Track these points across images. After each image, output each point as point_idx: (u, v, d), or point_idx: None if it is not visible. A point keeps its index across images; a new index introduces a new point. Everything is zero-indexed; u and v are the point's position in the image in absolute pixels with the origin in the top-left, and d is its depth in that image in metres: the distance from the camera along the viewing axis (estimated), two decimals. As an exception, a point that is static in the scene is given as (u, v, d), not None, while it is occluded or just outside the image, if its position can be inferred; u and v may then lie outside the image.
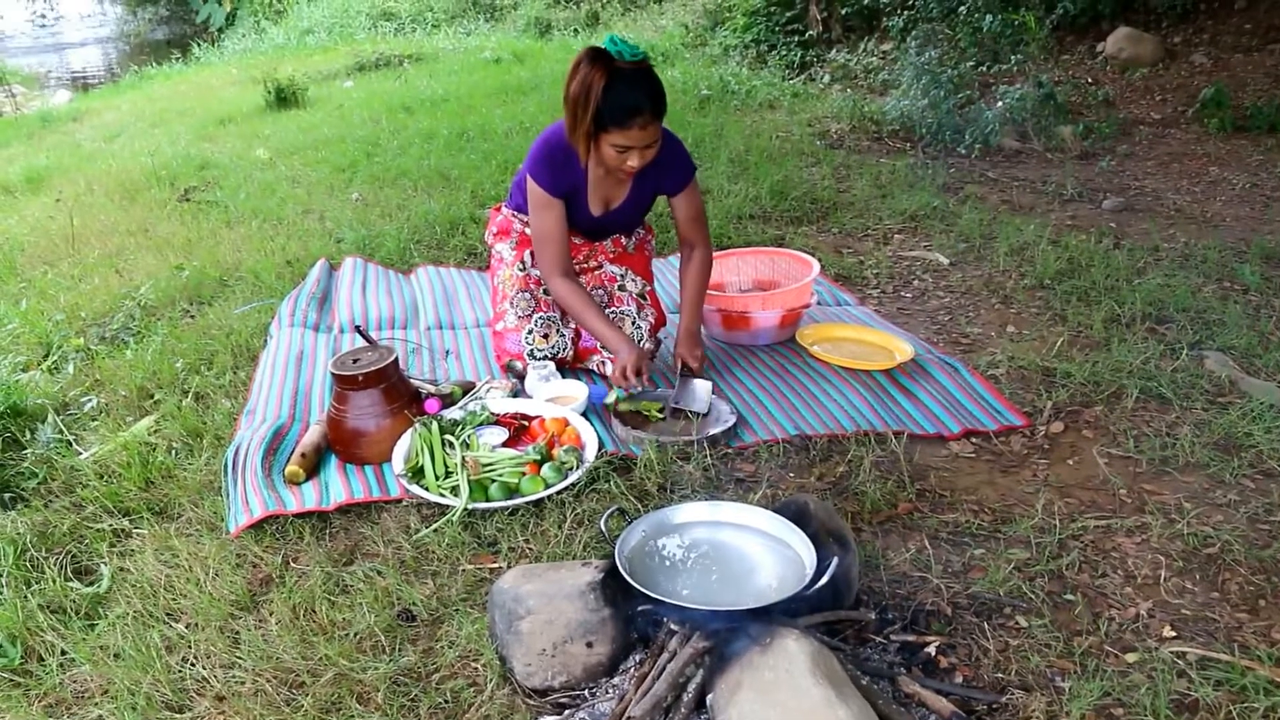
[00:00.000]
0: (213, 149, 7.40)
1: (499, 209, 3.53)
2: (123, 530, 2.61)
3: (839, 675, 1.72)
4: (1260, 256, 4.34)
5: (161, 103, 10.26)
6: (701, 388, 3.07)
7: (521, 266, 3.38)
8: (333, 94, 9.47)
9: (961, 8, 8.56)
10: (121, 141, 8.23)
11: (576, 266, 3.45)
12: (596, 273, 3.45)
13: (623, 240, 3.47)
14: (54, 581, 2.38)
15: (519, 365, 3.30)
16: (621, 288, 3.38)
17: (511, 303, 3.35)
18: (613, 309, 3.33)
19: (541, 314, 3.32)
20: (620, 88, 2.78)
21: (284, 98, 8.89)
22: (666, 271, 4.31)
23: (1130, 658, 2.04)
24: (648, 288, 3.44)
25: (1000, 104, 6.80)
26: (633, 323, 3.29)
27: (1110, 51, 8.10)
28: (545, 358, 3.29)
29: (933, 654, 2.02)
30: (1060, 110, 6.85)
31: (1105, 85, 7.73)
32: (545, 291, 3.34)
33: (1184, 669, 1.99)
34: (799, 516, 2.10)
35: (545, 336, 3.30)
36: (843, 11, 9.59)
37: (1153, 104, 7.42)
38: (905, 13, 9.04)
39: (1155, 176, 5.92)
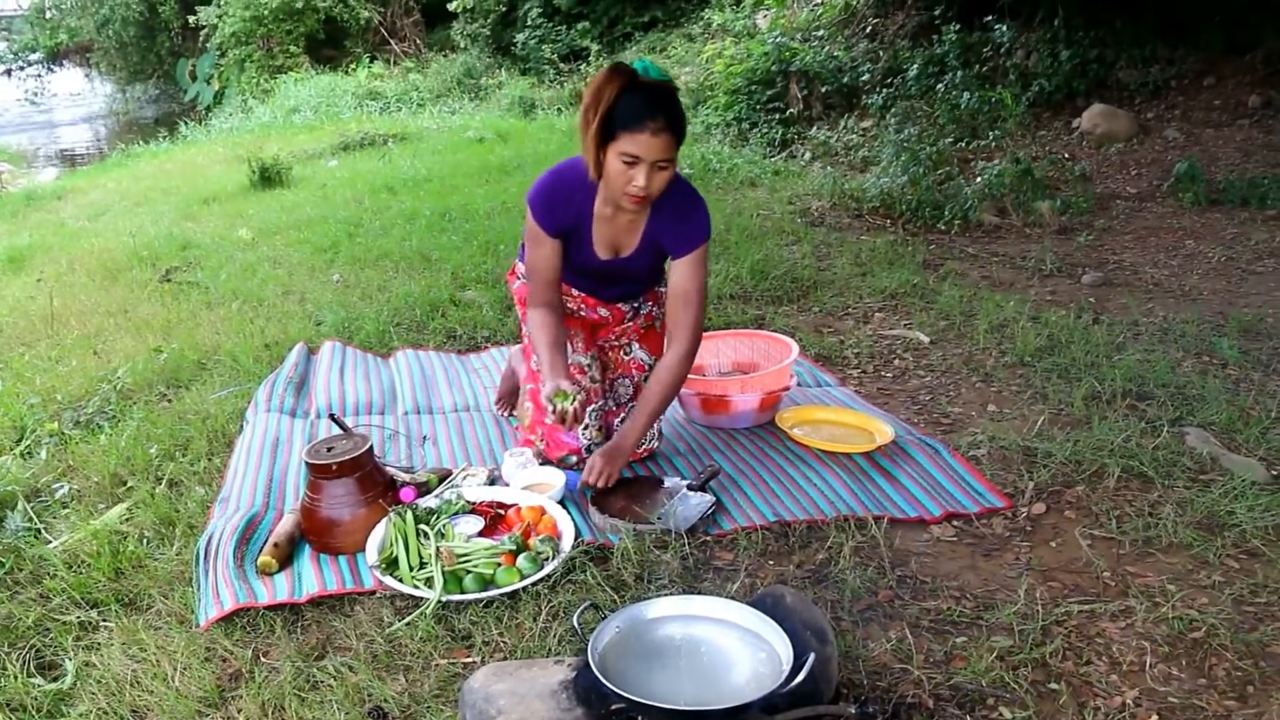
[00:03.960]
0: (195, 229, 7.41)
1: (514, 272, 3.44)
2: (90, 623, 2.55)
3: (817, 777, 1.67)
4: (1238, 330, 4.36)
5: (147, 181, 10.31)
6: (697, 507, 2.90)
7: None
8: (317, 173, 9.52)
9: (940, 85, 8.71)
10: (105, 220, 8.25)
11: (605, 345, 3.37)
12: (626, 359, 3.38)
13: (654, 312, 3.36)
14: (15, 678, 2.32)
15: (572, 459, 3.23)
16: (646, 379, 3.31)
17: None
18: (636, 403, 3.20)
19: (594, 406, 3.24)
20: (637, 94, 2.67)
21: (268, 177, 8.92)
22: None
23: (1117, 750, 2.00)
24: None
25: (979, 180, 6.88)
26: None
27: (1086, 127, 8.22)
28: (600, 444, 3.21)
29: (915, 750, 1.98)
30: (1038, 185, 6.93)
31: (1082, 160, 7.84)
32: (592, 380, 3.25)
33: (1171, 762, 1.96)
34: (775, 609, 2.06)
35: (600, 429, 3.25)
36: (823, 89, 9.72)
37: (1128, 178, 7.52)
38: (884, 91, 9.19)
39: (1133, 250, 5.97)
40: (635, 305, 3.33)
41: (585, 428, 3.23)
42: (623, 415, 3.30)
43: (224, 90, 19.00)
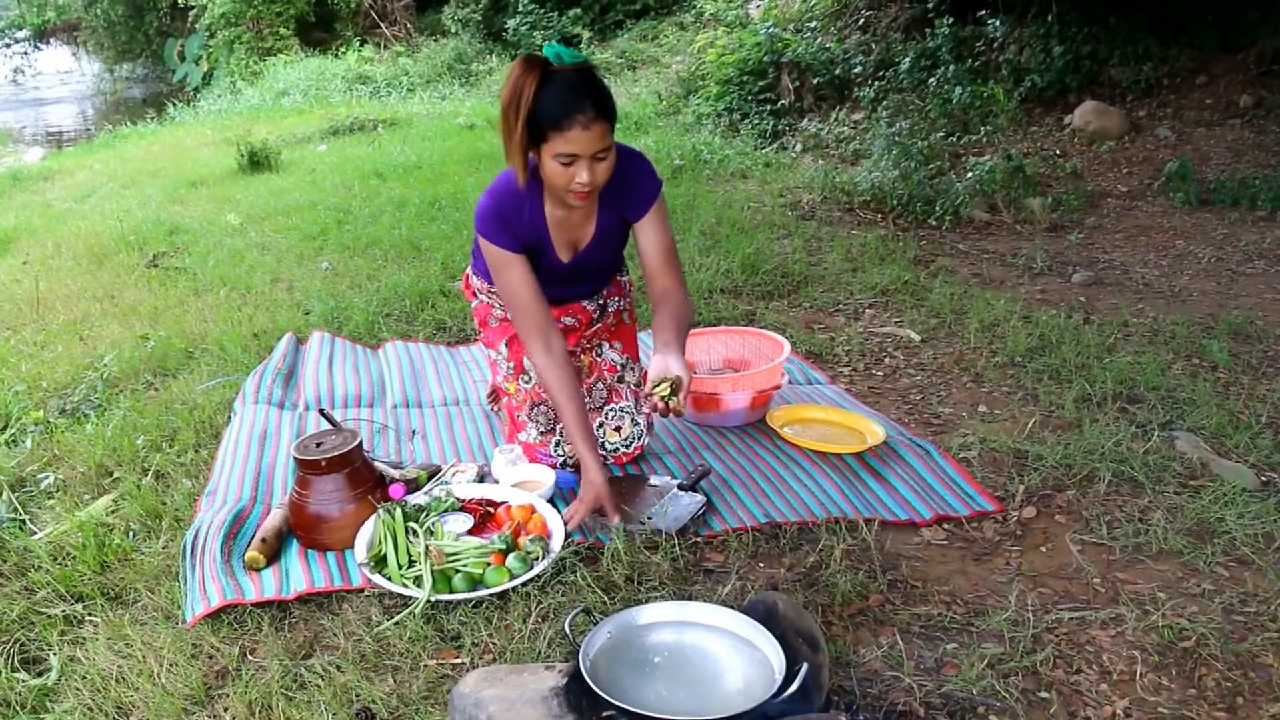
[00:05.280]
0: (183, 212, 7.36)
1: (468, 281, 3.39)
2: (75, 617, 2.53)
3: (809, 788, 1.67)
4: (1228, 333, 4.36)
5: (134, 163, 10.22)
6: (687, 507, 2.89)
7: (527, 378, 3.22)
8: (306, 158, 9.45)
9: (932, 79, 8.70)
10: (92, 202, 8.18)
11: (576, 350, 3.30)
12: (598, 361, 3.32)
13: (620, 305, 3.31)
14: (0, 673, 2.30)
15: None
16: (621, 379, 3.28)
17: (530, 417, 3.21)
18: (613, 405, 3.23)
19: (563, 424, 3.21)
20: (557, 87, 2.52)
21: (257, 161, 8.85)
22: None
23: (1106, 761, 2.00)
24: (641, 371, 3.34)
25: (970, 175, 6.86)
26: (631, 420, 3.22)
27: (1077, 124, 8.21)
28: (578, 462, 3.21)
29: (905, 758, 1.98)
30: (1029, 182, 6.92)
31: (1073, 157, 7.83)
32: None
33: (1161, 775, 1.95)
34: (767, 616, 2.05)
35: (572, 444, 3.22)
36: (814, 81, 9.69)
37: (1119, 176, 7.52)
38: (876, 83, 9.17)
39: (1123, 249, 5.97)
40: (600, 302, 3.28)
41: (558, 444, 3.20)
42: (601, 419, 3.25)
43: (212, 71, 18.85)
